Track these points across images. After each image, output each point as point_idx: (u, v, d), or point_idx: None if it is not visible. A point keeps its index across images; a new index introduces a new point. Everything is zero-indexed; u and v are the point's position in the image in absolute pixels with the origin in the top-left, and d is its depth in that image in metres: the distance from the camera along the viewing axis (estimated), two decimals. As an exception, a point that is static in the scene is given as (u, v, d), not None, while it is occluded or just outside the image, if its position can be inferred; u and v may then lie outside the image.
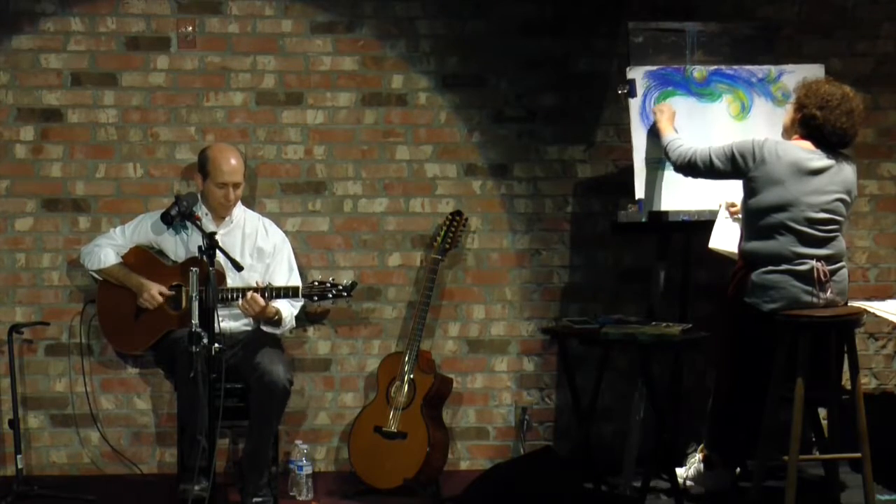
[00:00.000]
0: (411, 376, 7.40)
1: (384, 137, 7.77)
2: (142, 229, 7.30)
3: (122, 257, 7.27)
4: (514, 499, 6.62)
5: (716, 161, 6.71)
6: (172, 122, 7.66)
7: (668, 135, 7.03)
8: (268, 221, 7.41)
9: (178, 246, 7.23)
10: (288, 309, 7.19)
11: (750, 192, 6.63)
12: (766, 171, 6.56)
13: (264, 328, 7.17)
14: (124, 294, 7.19)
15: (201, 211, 7.20)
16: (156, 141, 7.67)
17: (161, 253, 7.26)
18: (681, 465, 7.26)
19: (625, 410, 7.49)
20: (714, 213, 7.14)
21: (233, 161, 7.16)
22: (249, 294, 6.97)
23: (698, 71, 7.33)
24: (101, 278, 7.28)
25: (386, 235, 7.81)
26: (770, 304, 6.56)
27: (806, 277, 6.56)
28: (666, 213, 7.22)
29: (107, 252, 7.25)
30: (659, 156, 7.20)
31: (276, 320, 7.14)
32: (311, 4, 7.72)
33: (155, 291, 7.10)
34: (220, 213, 7.23)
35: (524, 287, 7.89)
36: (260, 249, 7.29)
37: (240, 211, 7.33)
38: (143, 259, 7.24)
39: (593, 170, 7.88)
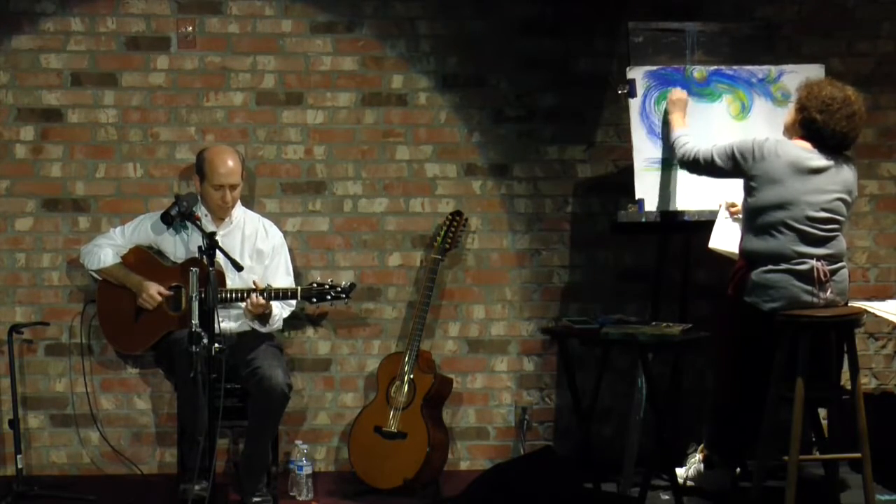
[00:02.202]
0: (411, 376, 7.40)
1: (384, 137, 7.77)
2: (142, 229, 7.30)
3: (122, 257, 7.27)
4: (514, 499, 6.62)
5: (717, 159, 6.72)
6: (172, 123, 7.66)
7: (677, 129, 7.04)
8: (268, 223, 7.41)
9: (178, 246, 7.22)
10: (277, 308, 7.19)
11: (749, 190, 6.63)
12: (765, 169, 6.57)
13: (250, 322, 7.17)
14: (124, 294, 7.19)
15: (201, 212, 7.20)
16: (156, 141, 7.67)
17: (161, 253, 7.26)
18: (681, 465, 7.26)
19: (625, 410, 7.49)
20: (714, 213, 7.14)
21: (229, 163, 7.15)
22: (254, 297, 6.97)
23: (698, 71, 7.33)
24: (100, 278, 7.29)
25: (386, 235, 7.81)
26: (770, 303, 6.56)
27: (806, 277, 6.56)
28: (666, 212, 7.22)
29: (106, 252, 7.25)
30: (659, 156, 7.20)
31: (266, 314, 7.13)
32: (312, 4, 7.72)
33: (154, 291, 7.10)
34: (219, 215, 7.23)
35: (524, 287, 7.89)
36: (259, 251, 7.28)
37: (240, 212, 7.32)
38: (143, 259, 7.24)
39: (593, 170, 7.87)
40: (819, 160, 6.59)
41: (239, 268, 6.66)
